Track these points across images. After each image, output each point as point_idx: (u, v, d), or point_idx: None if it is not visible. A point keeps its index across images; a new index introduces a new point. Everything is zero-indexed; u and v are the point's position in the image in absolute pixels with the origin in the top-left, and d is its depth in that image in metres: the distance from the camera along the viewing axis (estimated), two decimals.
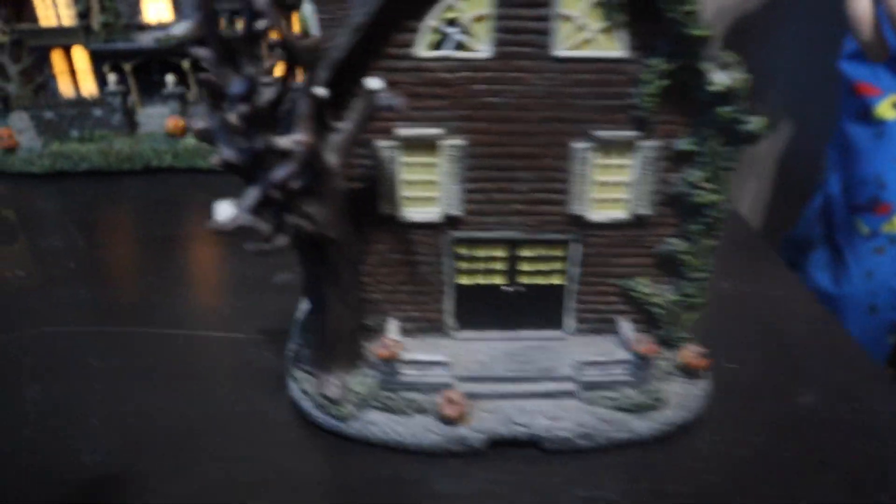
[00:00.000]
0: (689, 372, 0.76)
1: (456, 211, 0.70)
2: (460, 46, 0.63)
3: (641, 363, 0.71)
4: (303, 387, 0.74)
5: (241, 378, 0.81)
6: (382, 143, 0.67)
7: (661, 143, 0.68)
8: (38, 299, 0.98)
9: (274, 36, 0.55)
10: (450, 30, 0.62)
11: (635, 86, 0.65)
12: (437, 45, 0.63)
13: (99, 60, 1.51)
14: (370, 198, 0.70)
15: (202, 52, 0.55)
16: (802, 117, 3.37)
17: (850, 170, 2.37)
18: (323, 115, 0.61)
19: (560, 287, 0.76)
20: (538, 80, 0.64)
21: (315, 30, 0.68)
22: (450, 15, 0.62)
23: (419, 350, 0.74)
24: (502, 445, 0.69)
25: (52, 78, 1.50)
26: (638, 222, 0.72)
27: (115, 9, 1.49)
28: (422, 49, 0.63)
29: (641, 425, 0.71)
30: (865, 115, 2.34)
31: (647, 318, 0.77)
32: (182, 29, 0.49)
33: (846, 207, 2.39)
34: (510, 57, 0.63)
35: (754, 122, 0.65)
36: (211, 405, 0.76)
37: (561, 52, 0.63)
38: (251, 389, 0.78)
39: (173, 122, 1.46)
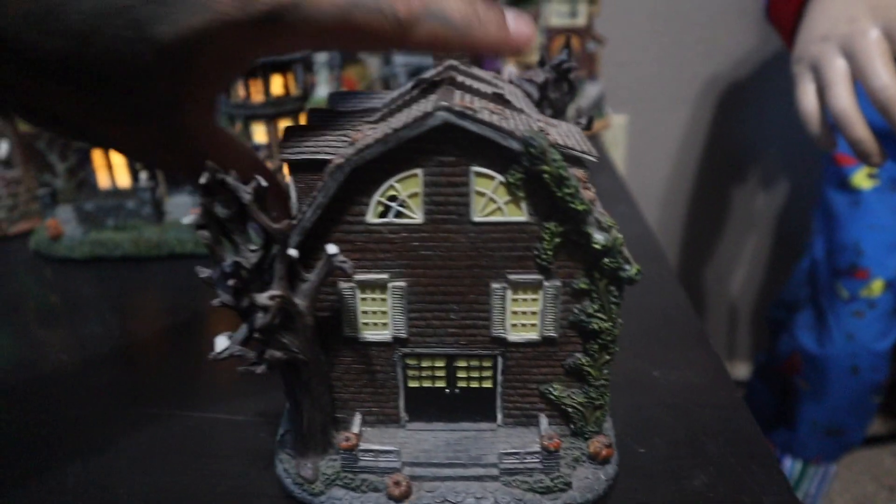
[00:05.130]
0: (597, 459, 0.94)
1: (402, 333, 0.90)
2: (400, 215, 0.83)
3: (548, 454, 0.89)
4: (286, 467, 0.93)
5: (239, 458, 1.00)
6: (344, 285, 0.87)
7: (562, 283, 0.87)
8: (78, 382, 1.19)
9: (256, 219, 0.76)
10: (391, 203, 0.82)
11: (538, 241, 0.84)
12: (383, 214, 0.83)
13: None
14: (336, 324, 0.89)
15: (204, 234, 0.76)
16: (794, 179, 3.54)
17: (832, 235, 2.53)
18: (296, 270, 0.81)
19: (491, 389, 0.95)
20: (461, 238, 0.84)
21: (292, 193, 0.88)
22: (391, 193, 0.82)
23: (375, 439, 0.93)
24: None
25: (92, 173, 1.71)
26: (548, 342, 0.91)
27: None
28: (371, 217, 0.83)
29: None
30: (843, 183, 2.52)
31: (562, 414, 0.95)
32: (190, 220, 0.73)
33: (829, 271, 2.55)
34: (438, 222, 0.83)
35: (630, 270, 0.84)
36: (213, 481, 0.95)
37: (477, 218, 0.83)
38: (246, 467, 0.98)
39: (194, 212, 1.67)
